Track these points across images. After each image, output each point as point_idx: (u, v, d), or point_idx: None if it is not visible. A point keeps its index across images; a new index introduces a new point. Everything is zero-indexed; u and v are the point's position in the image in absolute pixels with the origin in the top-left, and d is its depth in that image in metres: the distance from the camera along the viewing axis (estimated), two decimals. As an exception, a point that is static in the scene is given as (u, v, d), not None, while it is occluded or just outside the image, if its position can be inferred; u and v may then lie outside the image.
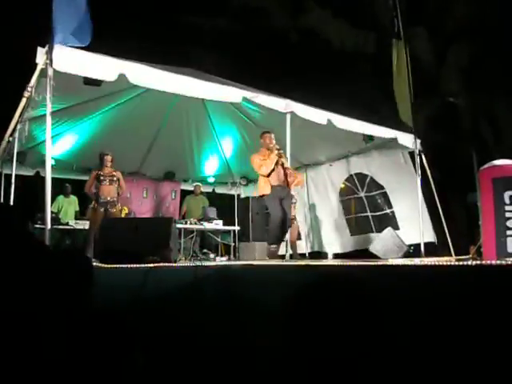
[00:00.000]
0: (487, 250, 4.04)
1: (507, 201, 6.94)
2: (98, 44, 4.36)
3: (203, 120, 8.25)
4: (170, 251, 4.79)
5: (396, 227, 7.93)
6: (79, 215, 8.53)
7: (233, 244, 8.80)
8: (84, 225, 7.84)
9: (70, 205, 8.49)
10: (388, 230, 6.92)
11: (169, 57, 6.35)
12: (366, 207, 8.61)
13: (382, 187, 8.29)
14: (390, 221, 8.17)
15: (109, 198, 6.66)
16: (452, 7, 11.75)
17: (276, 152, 5.69)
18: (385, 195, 8.28)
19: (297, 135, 5.74)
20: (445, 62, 11.90)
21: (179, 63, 5.80)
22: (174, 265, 4.32)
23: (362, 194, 8.64)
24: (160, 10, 12.64)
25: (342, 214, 9.00)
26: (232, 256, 8.64)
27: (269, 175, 5.75)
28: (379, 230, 8.22)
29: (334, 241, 9.00)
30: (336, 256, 8.75)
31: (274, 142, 5.85)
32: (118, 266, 3.85)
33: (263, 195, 5.87)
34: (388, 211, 8.26)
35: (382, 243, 6.87)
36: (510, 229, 6.89)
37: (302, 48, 12.78)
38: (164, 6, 12.66)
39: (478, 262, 2.69)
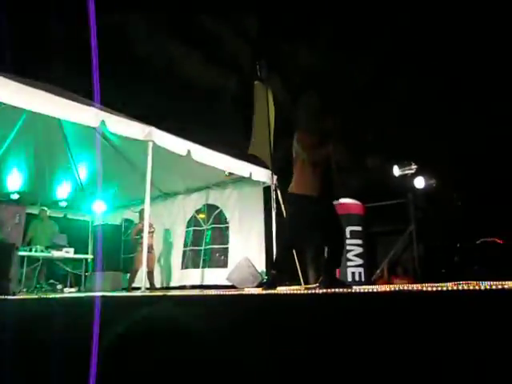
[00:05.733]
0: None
1: (348, 235, 7.79)
2: None
3: (57, 139, 7.69)
4: (10, 282, 4.36)
5: (225, 264, 8.17)
6: None
7: (84, 274, 8.21)
8: None
9: None
10: (244, 260, 7.13)
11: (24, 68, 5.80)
12: (202, 241, 8.59)
13: (226, 221, 8.37)
14: (220, 258, 8.33)
15: None
16: (297, 56, 12.73)
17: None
18: (226, 230, 8.37)
19: (158, 164, 5.58)
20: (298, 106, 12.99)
21: (35, 77, 5.29)
22: (13, 297, 3.92)
23: (205, 227, 8.64)
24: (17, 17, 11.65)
25: (182, 245, 8.88)
26: (82, 287, 8.04)
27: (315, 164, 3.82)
28: (209, 266, 8.38)
29: (173, 274, 8.81)
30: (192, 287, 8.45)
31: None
32: None
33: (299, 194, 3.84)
34: (222, 247, 8.38)
35: (238, 272, 7.06)
36: (350, 260, 7.73)
37: (163, 78, 12.85)
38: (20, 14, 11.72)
39: (324, 291, 2.96)
